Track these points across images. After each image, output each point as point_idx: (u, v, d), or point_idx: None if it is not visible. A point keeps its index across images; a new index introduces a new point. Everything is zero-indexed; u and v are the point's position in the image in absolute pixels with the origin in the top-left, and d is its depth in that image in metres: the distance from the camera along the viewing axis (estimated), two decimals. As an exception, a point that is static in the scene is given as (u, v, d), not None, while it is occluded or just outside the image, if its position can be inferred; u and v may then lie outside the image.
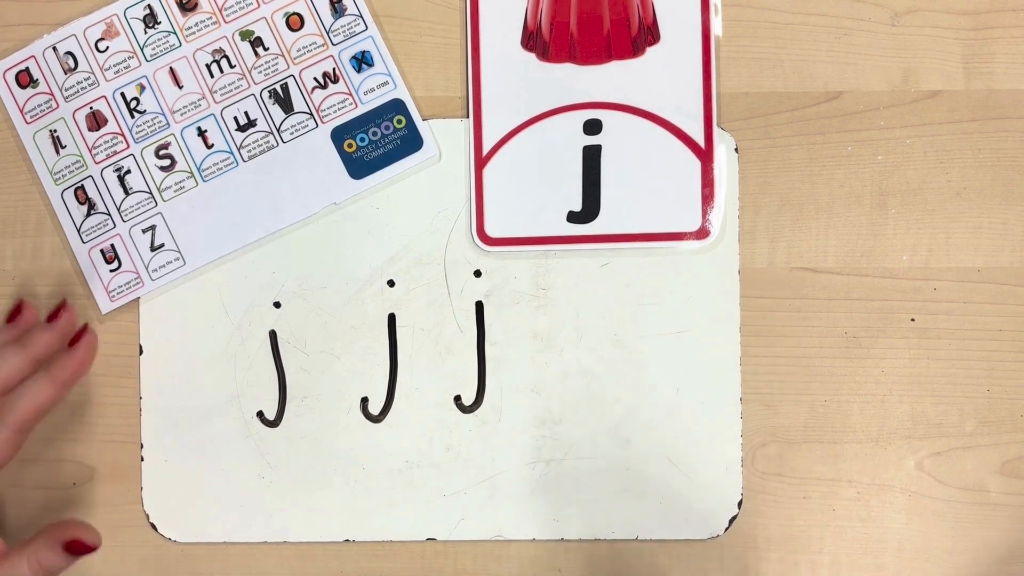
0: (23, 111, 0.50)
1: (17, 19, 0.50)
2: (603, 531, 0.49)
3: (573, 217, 0.49)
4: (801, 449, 0.49)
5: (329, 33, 0.49)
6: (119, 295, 0.50)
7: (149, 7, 0.49)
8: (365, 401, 0.49)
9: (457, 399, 0.49)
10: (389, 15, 0.49)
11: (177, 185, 0.49)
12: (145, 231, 0.49)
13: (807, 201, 0.49)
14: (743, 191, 0.49)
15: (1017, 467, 0.48)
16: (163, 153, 0.49)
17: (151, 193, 0.49)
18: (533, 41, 0.49)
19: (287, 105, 0.49)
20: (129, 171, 0.49)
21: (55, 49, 0.50)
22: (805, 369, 0.49)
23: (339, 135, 0.49)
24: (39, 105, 0.50)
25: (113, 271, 0.50)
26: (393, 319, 0.49)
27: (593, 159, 0.48)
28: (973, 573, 0.49)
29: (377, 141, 0.49)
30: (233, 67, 0.49)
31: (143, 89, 0.49)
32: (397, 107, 0.49)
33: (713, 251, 0.49)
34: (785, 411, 0.49)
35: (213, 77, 0.49)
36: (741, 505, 0.49)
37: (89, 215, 0.50)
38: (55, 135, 0.50)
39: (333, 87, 0.49)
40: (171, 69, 0.49)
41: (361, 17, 0.49)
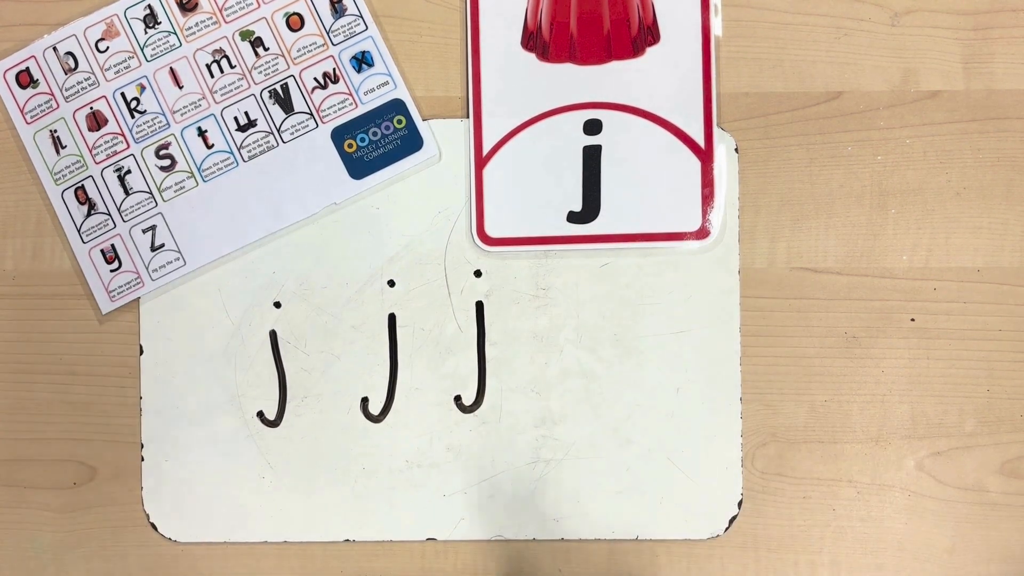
0: (23, 111, 0.50)
1: (17, 19, 0.50)
2: (603, 531, 0.49)
3: (573, 217, 0.49)
4: (801, 449, 0.49)
5: (329, 33, 0.49)
6: (119, 295, 0.50)
7: (149, 7, 0.49)
8: (365, 401, 0.49)
9: (457, 399, 0.49)
10: (389, 15, 0.49)
11: (177, 185, 0.49)
12: (145, 231, 0.49)
13: (807, 201, 0.49)
14: (743, 191, 0.49)
15: (1017, 467, 0.48)
16: (163, 153, 0.49)
17: (151, 193, 0.49)
18: (533, 41, 0.49)
19: (287, 105, 0.49)
20: (129, 171, 0.49)
21: (55, 49, 0.50)
22: (805, 369, 0.49)
23: (339, 135, 0.49)
24: (39, 105, 0.50)
25: (113, 271, 0.50)
26: (393, 319, 0.49)
27: (593, 159, 0.48)
28: (973, 573, 0.49)
29: (377, 141, 0.49)
30: (233, 67, 0.49)
31: (143, 89, 0.49)
32: (397, 107, 0.49)
33: (713, 251, 0.49)
34: (785, 411, 0.49)
35: (213, 77, 0.49)
36: (741, 505, 0.49)
37: (89, 215, 0.50)
38: (55, 135, 0.50)
39: (333, 87, 0.49)
40: (171, 69, 0.49)
41: (361, 17, 0.49)
